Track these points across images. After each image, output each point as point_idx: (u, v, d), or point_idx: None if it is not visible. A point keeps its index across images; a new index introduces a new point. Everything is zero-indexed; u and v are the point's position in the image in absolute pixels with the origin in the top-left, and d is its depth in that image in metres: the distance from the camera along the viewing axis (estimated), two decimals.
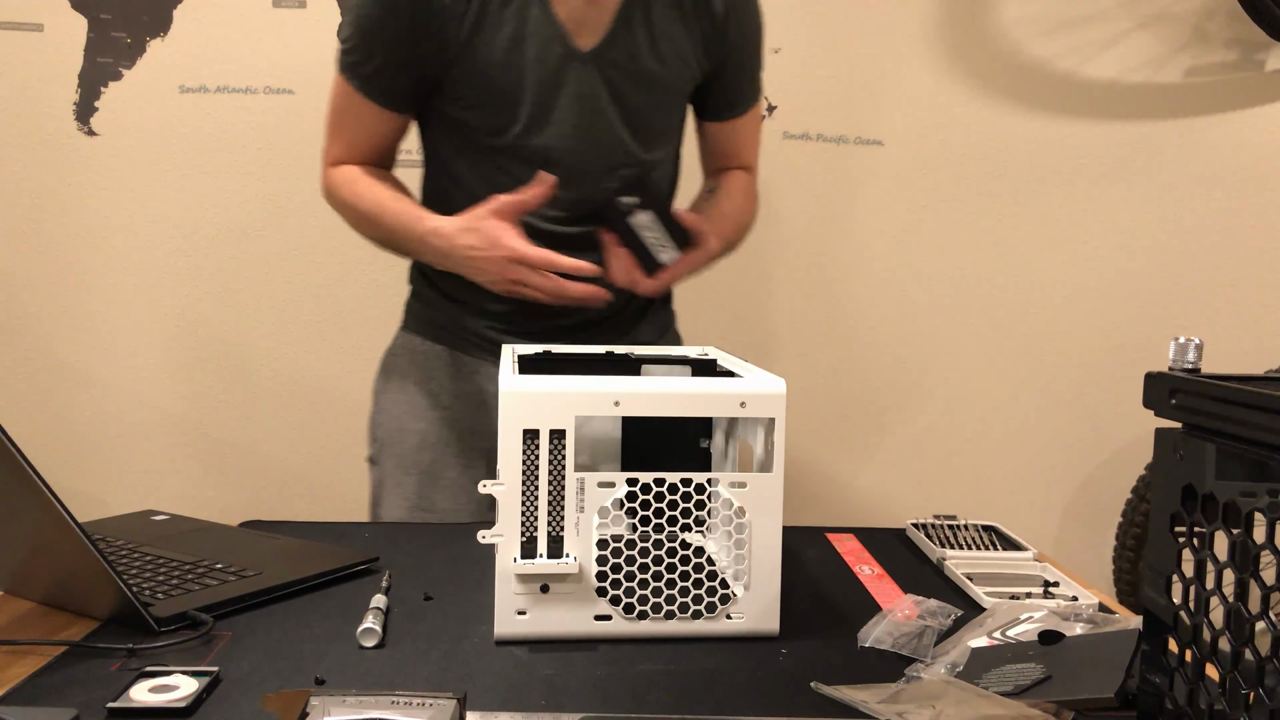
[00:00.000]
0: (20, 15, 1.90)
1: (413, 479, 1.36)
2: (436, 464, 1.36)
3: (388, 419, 1.41)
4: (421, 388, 1.39)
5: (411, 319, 1.44)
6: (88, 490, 2.00)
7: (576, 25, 1.25)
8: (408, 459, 1.37)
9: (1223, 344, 2.12)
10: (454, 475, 1.36)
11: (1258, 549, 0.59)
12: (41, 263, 1.96)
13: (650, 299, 1.44)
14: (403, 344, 1.43)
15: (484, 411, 1.37)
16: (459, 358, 1.39)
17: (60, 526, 0.83)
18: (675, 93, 1.35)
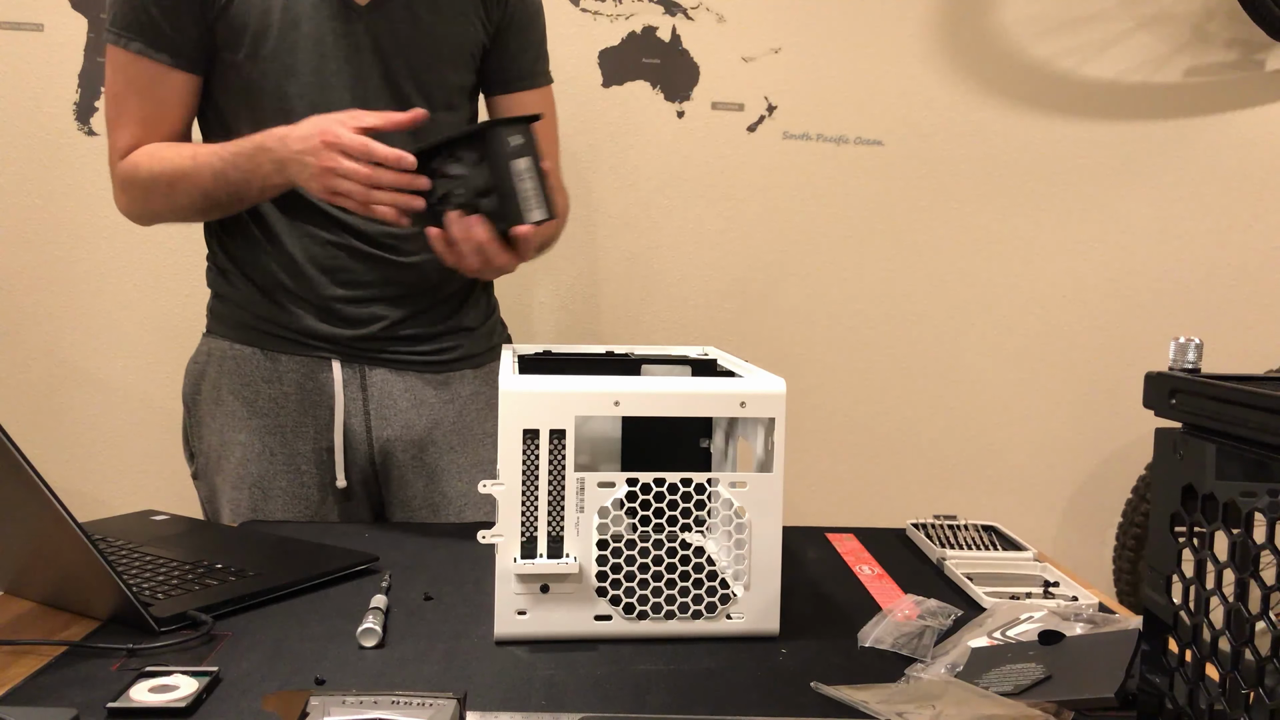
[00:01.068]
0: (20, 15, 1.90)
1: (244, 493, 1.31)
2: (265, 475, 1.31)
3: (207, 432, 1.34)
4: (237, 395, 1.32)
5: (216, 322, 1.36)
6: (88, 490, 2.00)
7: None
8: (234, 473, 1.31)
9: (1223, 344, 2.12)
10: (284, 484, 1.32)
11: (1258, 549, 0.59)
12: (41, 263, 1.96)
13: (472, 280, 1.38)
14: (209, 350, 1.35)
15: (306, 411, 1.32)
16: (274, 357, 1.32)
17: (60, 526, 0.83)
18: (457, 49, 1.31)
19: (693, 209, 2.03)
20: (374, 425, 1.35)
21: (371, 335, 1.33)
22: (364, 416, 1.34)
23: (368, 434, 1.35)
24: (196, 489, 1.38)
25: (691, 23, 1.99)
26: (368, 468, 1.37)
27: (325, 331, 1.32)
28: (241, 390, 1.32)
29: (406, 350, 1.35)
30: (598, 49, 1.98)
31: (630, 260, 2.04)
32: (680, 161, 2.02)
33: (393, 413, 1.35)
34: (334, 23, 1.23)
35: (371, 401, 1.34)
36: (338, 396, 1.32)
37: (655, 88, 2.00)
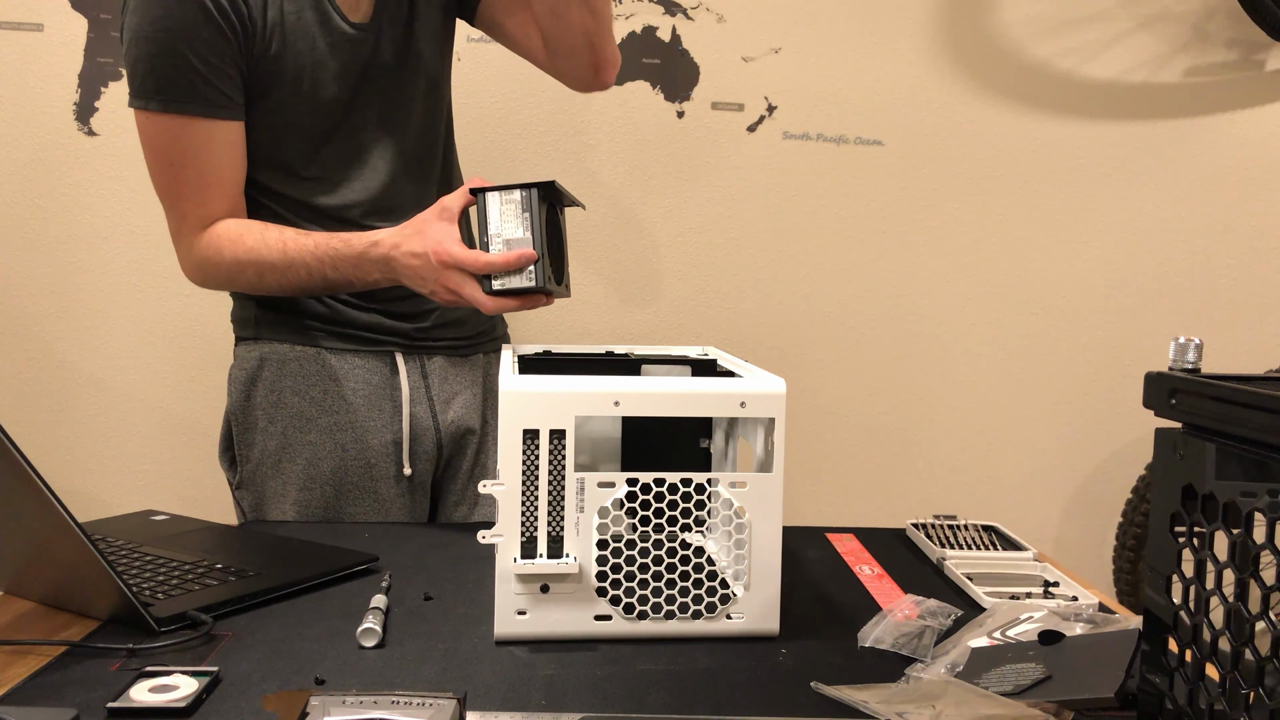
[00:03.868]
0: (20, 15, 1.90)
1: (315, 493, 1.31)
2: (339, 472, 1.31)
3: (263, 438, 1.32)
4: (303, 397, 1.31)
5: (264, 329, 1.33)
6: (88, 490, 2.00)
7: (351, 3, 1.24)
8: (303, 474, 1.31)
9: (1223, 344, 2.12)
10: (357, 479, 1.32)
11: (1258, 549, 0.59)
12: (41, 263, 1.96)
13: None
14: (264, 354, 1.32)
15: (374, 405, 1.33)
16: (340, 355, 1.32)
17: (60, 526, 0.83)
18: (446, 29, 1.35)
19: (693, 209, 2.03)
20: (438, 410, 1.38)
21: (430, 325, 1.37)
22: (428, 404, 1.37)
23: (433, 419, 1.37)
24: (238, 499, 1.35)
25: (691, 23, 1.99)
26: (434, 451, 1.38)
27: (388, 325, 1.34)
28: (307, 391, 1.31)
29: (455, 336, 1.40)
30: None
31: (630, 260, 2.04)
32: (680, 161, 2.02)
33: (453, 394, 1.39)
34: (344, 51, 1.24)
35: (433, 389, 1.38)
36: (404, 387, 1.34)
37: (655, 88, 2.00)
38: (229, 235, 1.22)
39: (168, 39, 1.13)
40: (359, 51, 1.26)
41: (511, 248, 1.09)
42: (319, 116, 1.26)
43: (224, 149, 1.21)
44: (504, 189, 1.10)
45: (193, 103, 1.16)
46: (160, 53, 1.14)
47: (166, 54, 1.14)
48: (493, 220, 1.10)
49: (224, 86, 1.18)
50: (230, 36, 1.16)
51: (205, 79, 1.16)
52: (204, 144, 1.19)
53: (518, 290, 1.10)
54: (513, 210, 1.10)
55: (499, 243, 1.10)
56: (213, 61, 1.16)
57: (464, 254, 1.09)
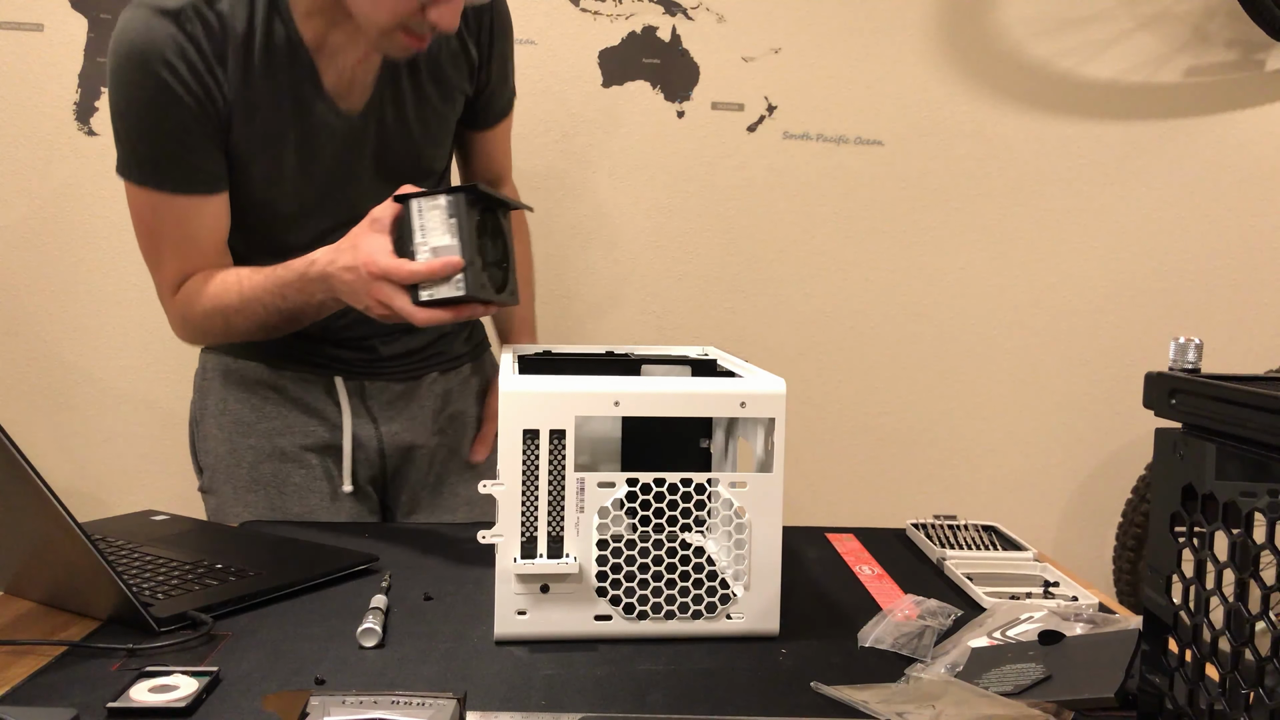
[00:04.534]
0: (20, 15, 1.90)
1: (259, 494, 1.33)
2: (279, 474, 1.34)
3: (214, 443, 1.36)
4: (244, 403, 1.35)
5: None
6: (88, 490, 2.00)
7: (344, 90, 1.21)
8: (247, 477, 1.33)
9: (1223, 344, 2.12)
10: (299, 480, 1.34)
11: (1258, 549, 0.59)
12: (41, 263, 1.96)
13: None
14: (212, 365, 1.38)
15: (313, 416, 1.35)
16: (279, 372, 1.35)
17: (60, 526, 0.83)
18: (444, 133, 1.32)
19: (693, 209, 2.03)
20: (381, 424, 1.38)
21: (373, 358, 1.37)
22: (369, 418, 1.38)
23: (375, 430, 1.38)
24: (205, 503, 1.38)
25: (691, 23, 1.99)
26: (377, 461, 1.39)
27: (329, 352, 1.35)
28: (248, 399, 1.35)
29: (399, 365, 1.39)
30: (598, 49, 1.98)
31: (630, 260, 2.04)
32: (680, 161, 2.02)
33: (396, 412, 1.39)
34: (325, 139, 1.22)
35: (375, 409, 1.38)
36: (344, 406, 1.35)
37: (655, 88, 2.00)
38: (194, 289, 1.21)
39: (144, 118, 1.13)
40: (347, 141, 1.23)
41: (439, 255, 1.03)
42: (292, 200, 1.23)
43: (203, 221, 1.20)
44: (429, 195, 1.04)
45: (170, 179, 1.16)
46: (136, 132, 1.14)
47: (143, 132, 1.14)
48: (418, 228, 1.04)
49: (203, 163, 1.17)
50: (205, 119, 1.14)
51: (182, 158, 1.15)
52: (182, 217, 1.19)
53: (447, 300, 1.03)
54: (438, 217, 1.04)
55: (425, 251, 1.04)
56: (189, 141, 1.15)
57: (390, 264, 1.03)
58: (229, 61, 1.14)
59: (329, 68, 1.19)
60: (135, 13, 1.11)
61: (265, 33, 1.15)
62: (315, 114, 1.20)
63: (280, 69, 1.16)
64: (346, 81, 1.21)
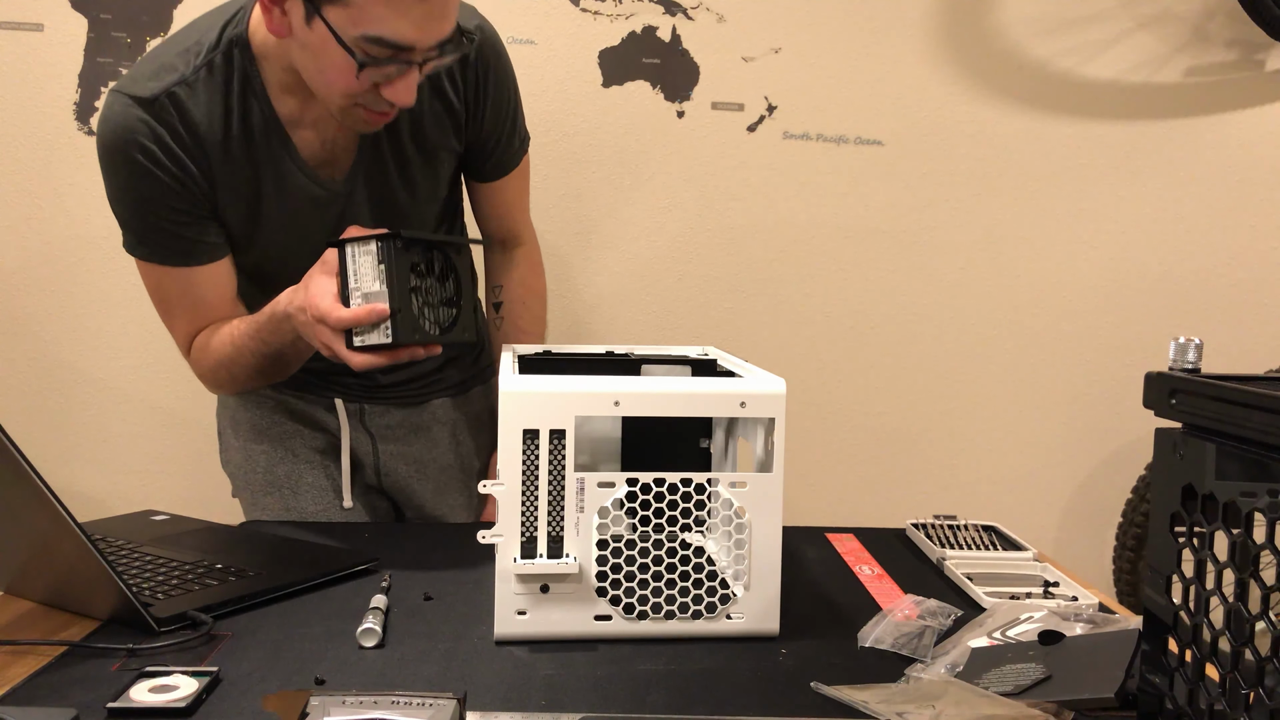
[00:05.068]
0: (20, 15, 1.90)
1: (275, 496, 1.37)
2: (293, 474, 1.38)
3: (233, 452, 1.42)
4: (254, 414, 1.40)
5: None
6: (88, 490, 2.00)
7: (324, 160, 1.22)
8: (262, 479, 1.38)
9: (1223, 344, 2.12)
10: (311, 479, 1.38)
11: (1258, 549, 0.59)
12: (41, 263, 1.96)
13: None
14: None
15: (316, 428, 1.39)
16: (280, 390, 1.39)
17: (60, 526, 0.83)
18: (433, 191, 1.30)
19: (692, 209, 2.03)
20: (379, 443, 1.41)
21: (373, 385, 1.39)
22: (369, 439, 1.41)
23: (374, 452, 1.42)
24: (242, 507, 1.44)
25: (691, 23, 1.99)
26: (374, 478, 1.43)
27: (328, 376, 1.38)
28: (258, 410, 1.40)
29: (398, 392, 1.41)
30: (598, 49, 1.97)
31: (630, 260, 2.04)
32: (680, 161, 2.02)
33: (393, 437, 1.42)
34: (311, 209, 1.23)
35: (375, 431, 1.41)
36: (343, 425, 1.39)
37: (655, 88, 2.00)
38: (202, 344, 1.25)
39: (131, 200, 1.16)
40: (329, 210, 1.24)
41: (369, 301, 1.03)
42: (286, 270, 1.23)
43: (207, 287, 1.23)
44: (360, 240, 1.04)
45: (169, 255, 1.19)
46: (129, 215, 1.18)
47: (137, 216, 1.17)
48: (351, 273, 1.04)
49: (199, 236, 1.20)
50: (190, 194, 1.16)
51: (178, 235, 1.18)
52: (186, 286, 1.22)
53: (377, 346, 1.04)
54: (369, 263, 1.04)
55: (358, 296, 1.04)
56: (180, 219, 1.18)
57: (327, 308, 1.03)
58: (206, 144, 1.15)
59: (307, 141, 1.20)
60: (113, 99, 1.14)
61: (242, 113, 1.16)
62: (297, 186, 1.21)
63: (258, 147, 1.18)
64: (328, 152, 1.21)
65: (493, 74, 1.26)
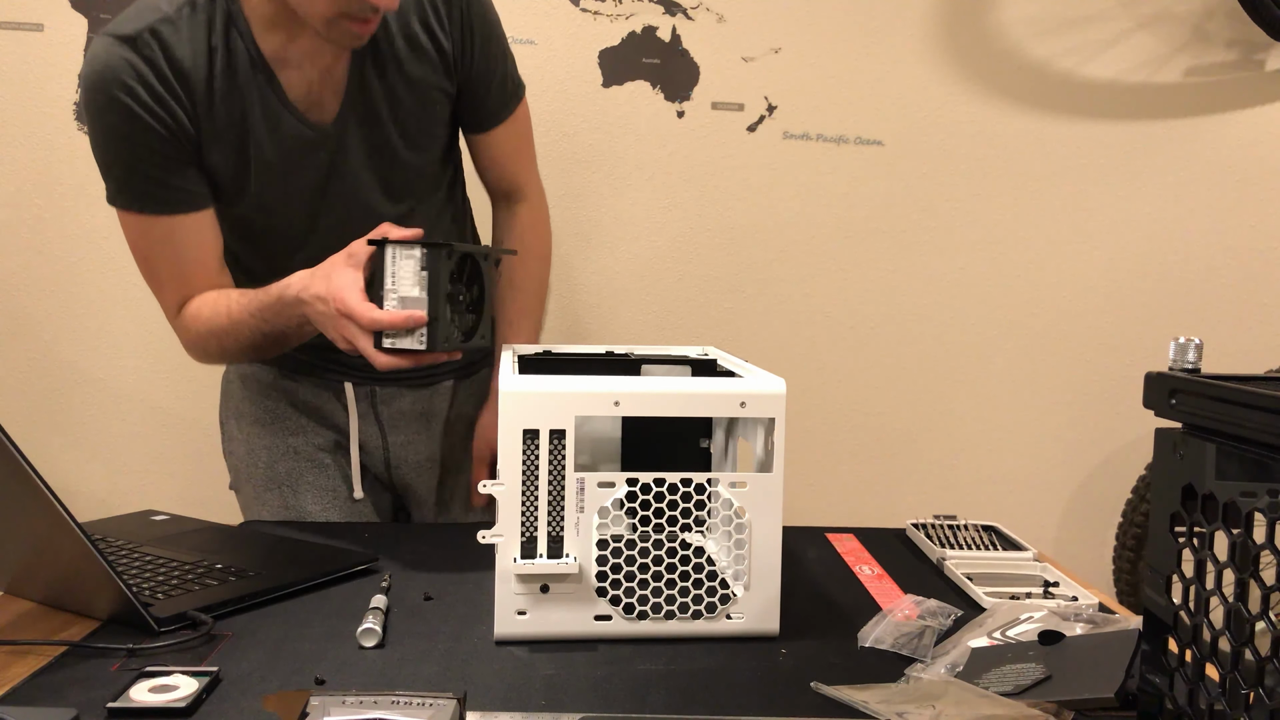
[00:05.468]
0: (20, 15, 1.90)
1: (275, 493, 1.36)
2: (294, 472, 1.36)
3: (236, 445, 1.40)
4: (259, 406, 1.39)
5: None
6: (88, 490, 2.00)
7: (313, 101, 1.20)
8: (264, 475, 1.37)
9: (1223, 344, 2.12)
10: (312, 479, 1.36)
11: (1258, 549, 0.59)
12: (41, 263, 1.96)
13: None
14: (231, 370, 1.43)
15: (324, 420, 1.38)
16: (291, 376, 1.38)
17: (60, 526, 0.83)
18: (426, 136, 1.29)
19: (692, 209, 2.03)
20: (388, 431, 1.40)
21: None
22: (378, 426, 1.40)
23: (383, 439, 1.40)
24: (239, 501, 1.43)
25: (691, 23, 1.99)
26: (384, 472, 1.42)
27: (337, 357, 1.35)
28: (263, 401, 1.38)
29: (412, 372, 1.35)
30: (598, 49, 1.97)
31: (630, 260, 2.04)
32: (680, 161, 2.02)
33: (404, 420, 1.41)
34: (302, 152, 1.21)
35: (383, 417, 1.40)
36: (351, 413, 1.37)
37: (655, 88, 2.00)
38: (193, 312, 1.23)
39: (115, 144, 1.15)
40: (319, 154, 1.22)
41: (405, 306, 1.04)
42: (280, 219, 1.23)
43: (192, 238, 1.21)
44: (404, 244, 1.04)
45: (152, 203, 1.18)
46: (114, 161, 1.16)
47: (117, 157, 1.16)
48: (389, 275, 1.04)
49: (182, 183, 1.18)
50: (175, 137, 1.15)
51: (160, 181, 1.17)
52: (169, 238, 1.20)
53: (408, 351, 1.04)
54: (411, 268, 1.04)
55: (393, 299, 1.04)
56: (162, 163, 1.16)
57: (357, 306, 1.03)
58: (192, 83, 1.14)
59: (293, 80, 1.18)
60: (98, 42, 1.14)
61: (226, 51, 1.15)
62: (284, 127, 1.19)
63: (244, 86, 1.17)
64: (316, 93, 1.20)
65: (475, 8, 1.26)
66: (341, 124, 1.22)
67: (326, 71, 1.19)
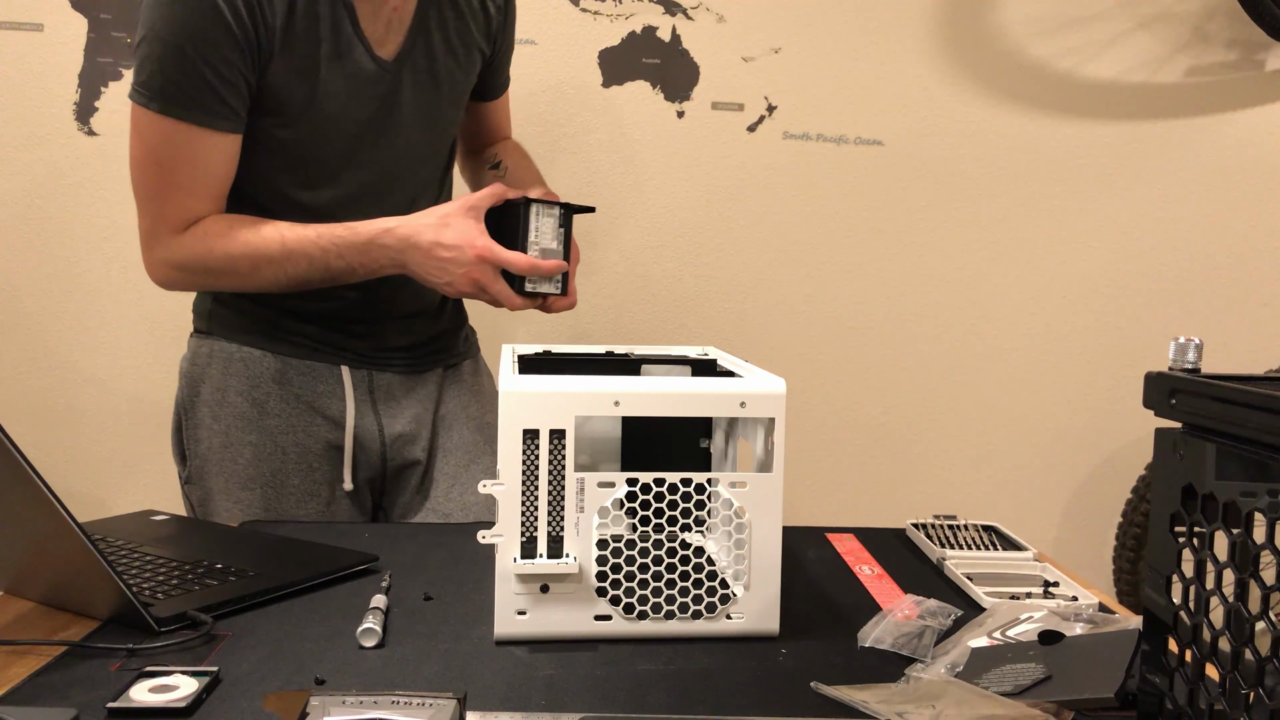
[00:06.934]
0: (20, 15, 1.90)
1: (255, 492, 1.31)
2: (279, 473, 1.32)
3: (207, 434, 1.32)
4: (245, 397, 1.31)
5: (216, 325, 1.34)
6: (88, 490, 2.00)
7: (380, 35, 1.23)
8: (243, 474, 1.31)
9: (1223, 344, 2.12)
10: (298, 482, 1.32)
11: (1258, 549, 0.59)
12: (41, 263, 1.96)
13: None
14: (212, 350, 1.33)
15: (316, 413, 1.33)
16: (284, 360, 1.33)
17: (60, 526, 0.83)
18: (465, 88, 1.36)
19: (693, 209, 2.03)
20: (384, 423, 1.37)
21: (381, 346, 1.37)
22: (374, 415, 1.37)
23: (379, 431, 1.37)
24: (186, 494, 1.36)
25: (691, 23, 1.99)
26: (378, 464, 1.38)
27: (336, 340, 1.34)
28: (251, 392, 1.32)
29: (407, 357, 1.40)
30: (598, 49, 1.98)
31: (630, 260, 2.04)
32: (680, 161, 2.02)
33: (401, 409, 1.39)
34: (363, 84, 1.23)
35: (380, 403, 1.37)
36: (348, 399, 1.35)
37: (655, 88, 2.00)
38: (216, 231, 1.19)
39: (181, 43, 1.11)
40: (377, 88, 1.25)
41: (546, 257, 1.21)
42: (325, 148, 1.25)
43: (217, 158, 1.19)
44: (545, 203, 1.22)
45: (195, 111, 1.14)
46: (170, 55, 1.11)
47: (176, 57, 1.11)
48: (533, 229, 1.21)
49: (229, 98, 1.16)
50: (245, 50, 1.14)
51: (212, 89, 1.14)
52: (198, 152, 1.17)
53: (543, 294, 1.23)
54: (551, 224, 1.23)
55: (535, 250, 1.22)
56: (223, 73, 1.13)
57: (508, 254, 1.17)
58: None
59: (366, 13, 1.21)
60: None
61: None
62: (353, 56, 1.21)
63: (323, 8, 1.18)
64: (383, 25, 1.23)
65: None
66: (399, 64, 1.25)
67: (397, 9, 1.23)
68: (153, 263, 1.23)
